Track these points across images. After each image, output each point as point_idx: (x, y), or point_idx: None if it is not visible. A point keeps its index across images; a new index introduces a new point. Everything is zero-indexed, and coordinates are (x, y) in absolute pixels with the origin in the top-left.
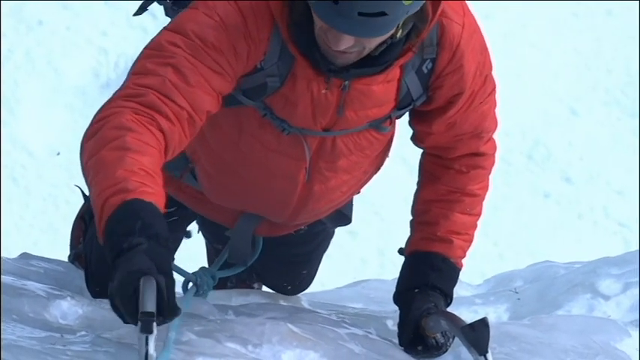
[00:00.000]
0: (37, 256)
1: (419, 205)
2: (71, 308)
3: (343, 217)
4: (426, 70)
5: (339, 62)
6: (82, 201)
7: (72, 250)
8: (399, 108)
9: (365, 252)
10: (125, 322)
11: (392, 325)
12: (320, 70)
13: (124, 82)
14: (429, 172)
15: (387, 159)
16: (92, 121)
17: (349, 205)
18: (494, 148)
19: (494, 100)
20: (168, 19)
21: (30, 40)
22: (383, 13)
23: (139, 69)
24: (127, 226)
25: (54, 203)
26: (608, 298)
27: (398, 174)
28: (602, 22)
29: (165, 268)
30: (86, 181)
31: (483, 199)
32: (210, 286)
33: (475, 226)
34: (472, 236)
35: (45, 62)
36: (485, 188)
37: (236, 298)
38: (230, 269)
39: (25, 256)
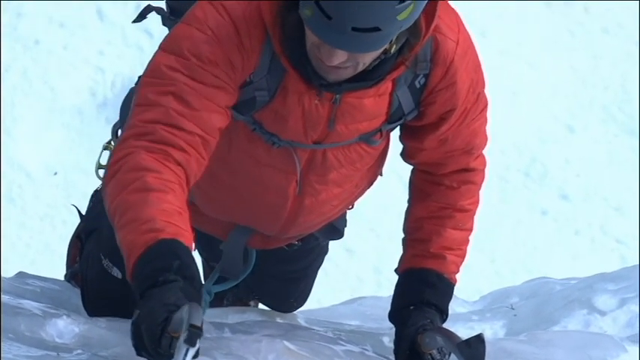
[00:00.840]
0: (33, 275)
1: (410, 222)
2: (67, 327)
3: (335, 230)
4: (418, 85)
5: (332, 78)
6: (78, 220)
7: (68, 268)
8: (390, 122)
9: (361, 270)
10: (140, 352)
11: (388, 342)
12: (312, 84)
13: (130, 116)
14: (420, 188)
15: (380, 177)
16: (108, 163)
17: (342, 219)
18: (484, 163)
19: (486, 117)
20: (165, 36)
21: (26, 59)
22: (377, 29)
23: (140, 100)
24: (165, 262)
25: (51, 223)
26: (604, 314)
27: (394, 191)
28: (598, 40)
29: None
30: (112, 223)
31: (474, 214)
32: (207, 302)
33: (467, 241)
34: (465, 251)
35: (41, 82)
36: (476, 203)
37: (232, 315)
38: (225, 283)
39: (21, 275)
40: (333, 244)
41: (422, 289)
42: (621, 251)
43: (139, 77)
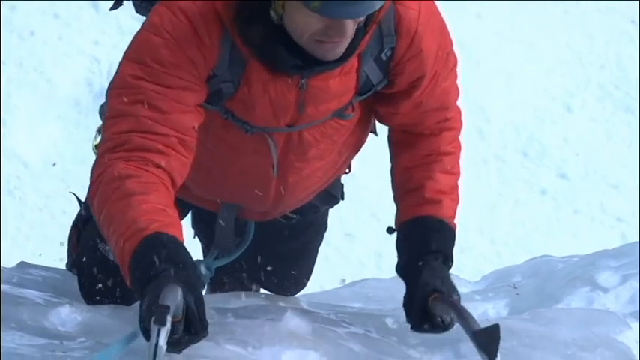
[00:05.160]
0: (35, 265)
1: (398, 175)
2: (70, 315)
3: (332, 197)
4: (385, 58)
5: (330, 56)
6: (78, 210)
7: (69, 257)
8: (360, 94)
9: (362, 254)
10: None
11: (391, 323)
12: (277, 70)
13: (104, 130)
14: (401, 142)
15: (376, 137)
16: (90, 181)
17: (337, 185)
18: (459, 112)
19: (455, 74)
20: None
21: (22, 51)
22: None
23: (111, 112)
24: (153, 256)
25: (50, 214)
26: (606, 291)
27: None
28: (593, 18)
29: (193, 289)
30: (104, 237)
31: (459, 157)
32: (207, 278)
33: (457, 187)
34: (458, 196)
35: (38, 73)
36: (459, 147)
37: (235, 300)
38: (225, 257)
39: (22, 265)
40: (333, 230)
41: (426, 235)
42: (621, 229)
43: (108, 87)
